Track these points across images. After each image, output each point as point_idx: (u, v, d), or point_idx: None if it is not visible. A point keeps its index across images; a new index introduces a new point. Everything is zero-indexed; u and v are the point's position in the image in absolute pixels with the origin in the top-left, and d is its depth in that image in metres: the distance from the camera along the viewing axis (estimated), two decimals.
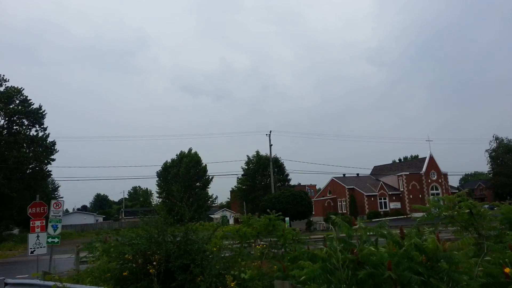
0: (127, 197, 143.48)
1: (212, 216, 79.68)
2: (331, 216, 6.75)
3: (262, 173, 51.58)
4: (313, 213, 59.11)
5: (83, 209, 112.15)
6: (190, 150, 76.64)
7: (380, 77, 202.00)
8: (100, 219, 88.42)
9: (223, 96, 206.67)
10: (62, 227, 15.99)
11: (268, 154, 51.45)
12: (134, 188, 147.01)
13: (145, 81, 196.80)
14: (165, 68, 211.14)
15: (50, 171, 54.80)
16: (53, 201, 15.82)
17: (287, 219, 41.89)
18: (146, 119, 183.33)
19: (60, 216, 15.58)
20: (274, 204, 43.28)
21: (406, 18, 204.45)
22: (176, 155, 79.20)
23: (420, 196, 69.56)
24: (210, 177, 75.76)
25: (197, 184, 74.96)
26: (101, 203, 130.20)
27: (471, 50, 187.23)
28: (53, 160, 53.05)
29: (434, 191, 70.77)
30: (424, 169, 70.54)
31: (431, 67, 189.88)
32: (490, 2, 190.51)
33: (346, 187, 71.78)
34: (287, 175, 51.92)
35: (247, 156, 53.65)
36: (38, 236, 14.56)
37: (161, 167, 79.83)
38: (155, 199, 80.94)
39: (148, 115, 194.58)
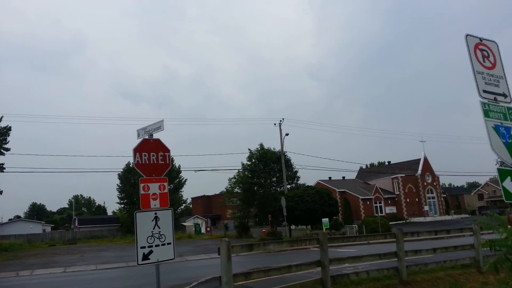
0: (67, 206, 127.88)
1: (184, 223, 69.16)
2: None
3: (266, 169, 42.90)
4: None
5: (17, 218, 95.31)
6: None
7: (319, 92, 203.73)
8: (48, 228, 74.13)
9: (165, 103, 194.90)
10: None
11: (278, 149, 43.31)
12: (76, 197, 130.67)
13: (82, 84, 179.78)
14: (104, 73, 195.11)
15: None
16: None
17: (325, 220, 33.82)
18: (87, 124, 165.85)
19: None
20: (297, 204, 35.02)
21: (344, 37, 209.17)
22: None
23: (417, 200, 64.73)
24: (184, 179, 65.74)
25: (169, 187, 64.26)
26: (37, 213, 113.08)
27: (402, 71, 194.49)
28: None
29: (429, 194, 66.34)
30: (419, 171, 65.97)
31: (366, 84, 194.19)
32: (418, 29, 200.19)
33: (337, 190, 65.12)
34: (296, 171, 43.74)
35: (249, 149, 44.63)
36: None
37: (123, 169, 68.11)
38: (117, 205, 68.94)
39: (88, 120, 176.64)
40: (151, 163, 7.63)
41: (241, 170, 44.37)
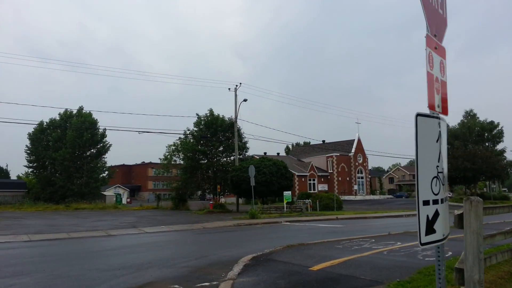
0: None
1: (104, 193, 62.50)
2: None
3: (214, 138, 39.01)
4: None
5: None
6: (80, 109, 57.78)
7: (243, 70, 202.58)
8: None
9: (78, 66, 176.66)
10: None
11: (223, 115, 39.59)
12: None
13: None
14: (7, 25, 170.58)
15: None
16: None
17: (288, 193, 31.20)
18: None
19: None
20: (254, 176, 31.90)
21: (273, 18, 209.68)
22: (59, 114, 59.27)
23: (348, 179, 65.76)
24: (109, 144, 58.87)
25: (91, 151, 57.16)
26: None
27: (321, 56, 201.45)
28: None
29: (359, 174, 67.87)
30: (353, 151, 66.92)
31: (285, 66, 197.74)
32: (337, 17, 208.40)
33: None
34: (246, 142, 40.50)
35: (197, 114, 40.11)
36: None
37: (34, 129, 58.99)
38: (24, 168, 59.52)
39: None
40: None
41: (188, 135, 39.86)
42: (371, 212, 31.35)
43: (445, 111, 3.52)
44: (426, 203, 3.24)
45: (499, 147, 57.68)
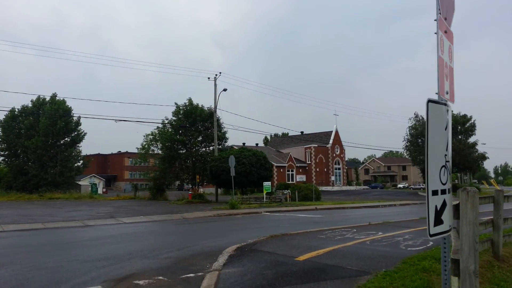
0: None
1: (79, 182, 61.14)
2: None
3: (193, 128, 38.55)
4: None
5: None
6: (54, 96, 56.03)
7: (221, 60, 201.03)
8: None
9: (52, 51, 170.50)
10: None
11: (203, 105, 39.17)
12: None
13: None
14: None
15: None
16: None
17: (267, 184, 31.18)
18: None
19: None
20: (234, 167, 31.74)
21: (251, 8, 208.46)
22: (31, 101, 57.33)
23: (325, 170, 66.42)
24: (83, 132, 57.44)
25: (65, 139, 55.66)
26: None
27: (299, 46, 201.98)
28: None
29: (337, 166, 68.66)
30: (330, 142, 67.55)
31: (264, 56, 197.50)
32: (315, 8, 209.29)
33: None
34: (225, 132, 40.18)
35: (176, 103, 39.48)
36: None
37: (5, 116, 56.91)
38: None
39: None
40: None
41: (166, 125, 39.22)
42: (349, 203, 31.77)
43: (452, 98, 3.46)
44: (435, 193, 3.18)
45: (471, 140, 59.32)
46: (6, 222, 16.81)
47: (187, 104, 39.09)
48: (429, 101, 3.06)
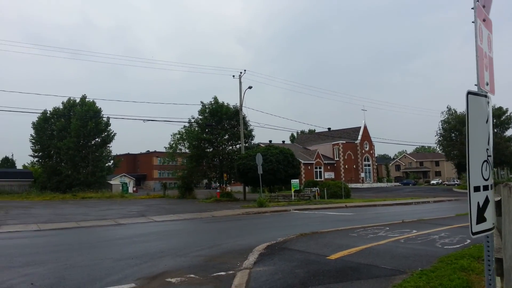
0: None
1: (110, 182, 62.70)
2: None
3: (220, 126, 38.74)
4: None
5: None
6: (84, 97, 57.69)
7: (246, 59, 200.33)
8: None
9: (80, 54, 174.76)
10: None
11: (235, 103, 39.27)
12: None
13: None
14: (8, 16, 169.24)
15: None
16: None
17: (295, 181, 31.04)
18: None
19: None
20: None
21: (274, 5, 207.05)
22: (62, 103, 59.09)
23: (355, 166, 65.49)
24: (113, 132, 58.78)
25: (96, 140, 57.15)
26: None
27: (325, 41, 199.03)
28: None
29: (366, 162, 67.56)
30: (359, 138, 66.52)
31: (291, 57, 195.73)
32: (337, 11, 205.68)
33: None
34: (252, 130, 40.21)
35: (202, 102, 39.83)
36: None
37: (38, 118, 58.92)
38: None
39: None
40: None
41: (193, 124, 39.63)
42: (380, 200, 31.17)
43: (492, 89, 3.28)
44: (476, 189, 3.01)
45: (508, 133, 57.04)
46: (42, 221, 17.38)
47: (212, 102, 39.36)
48: (469, 93, 2.89)
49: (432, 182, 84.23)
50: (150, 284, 6.29)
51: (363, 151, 66.75)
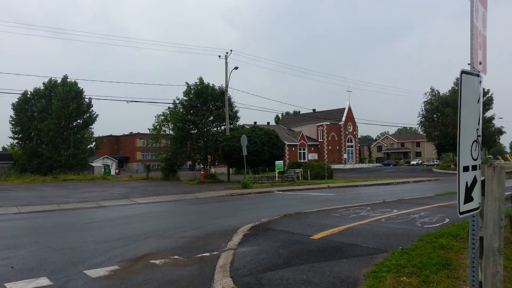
0: None
1: (92, 164, 61.97)
2: None
3: (204, 107, 38.39)
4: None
5: None
6: (65, 78, 56.31)
7: (233, 38, 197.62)
8: None
9: (62, 33, 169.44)
10: None
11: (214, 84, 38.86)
12: None
13: None
14: None
15: None
16: None
17: (280, 163, 31.17)
18: None
19: None
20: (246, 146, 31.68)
21: None
22: (43, 83, 57.55)
23: (338, 148, 66.08)
24: (95, 113, 57.76)
25: (77, 121, 56.09)
26: None
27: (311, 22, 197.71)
28: None
29: (349, 143, 68.21)
30: (343, 120, 66.95)
31: (279, 36, 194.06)
32: None
33: None
34: (237, 111, 39.98)
35: (187, 83, 39.31)
36: None
37: (18, 99, 57.39)
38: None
39: None
40: None
41: (178, 105, 39.19)
42: (362, 180, 31.63)
43: (485, 69, 3.27)
44: (466, 169, 3.04)
45: (488, 114, 58.04)
46: (22, 204, 17.11)
47: (198, 83, 38.87)
48: (463, 72, 2.87)
49: (412, 162, 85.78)
50: (134, 266, 6.27)
51: (347, 132, 67.30)
